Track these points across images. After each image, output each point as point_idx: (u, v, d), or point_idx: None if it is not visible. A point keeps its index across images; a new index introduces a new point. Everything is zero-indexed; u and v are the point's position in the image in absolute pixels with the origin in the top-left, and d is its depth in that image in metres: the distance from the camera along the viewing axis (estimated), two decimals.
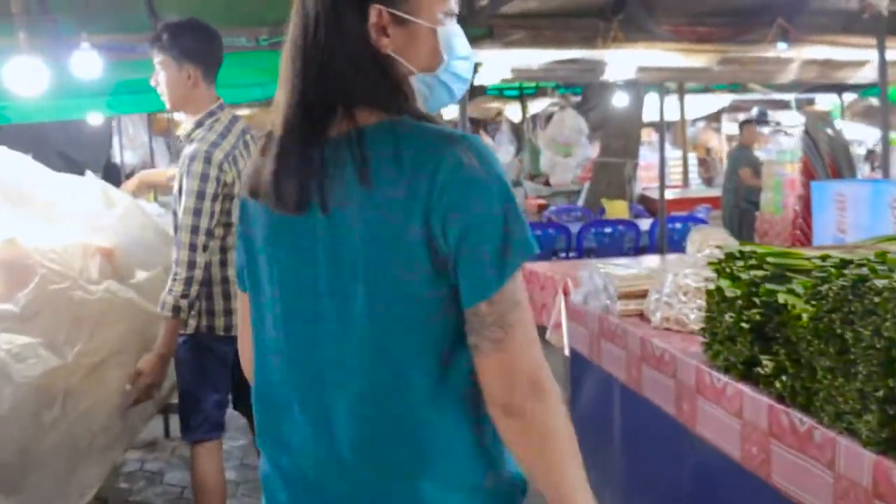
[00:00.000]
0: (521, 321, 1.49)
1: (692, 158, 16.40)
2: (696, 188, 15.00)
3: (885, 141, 5.56)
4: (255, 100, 10.32)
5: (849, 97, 14.89)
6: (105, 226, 3.83)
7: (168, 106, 3.65)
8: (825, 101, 16.18)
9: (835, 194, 4.05)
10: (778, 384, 2.31)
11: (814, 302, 2.15)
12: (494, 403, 1.50)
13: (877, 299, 1.90)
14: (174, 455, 5.44)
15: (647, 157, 14.53)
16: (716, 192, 13.27)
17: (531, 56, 7.37)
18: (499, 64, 7.86)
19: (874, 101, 14.79)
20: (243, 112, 15.58)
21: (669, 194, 10.79)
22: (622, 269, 3.81)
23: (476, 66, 7.40)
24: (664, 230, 7.81)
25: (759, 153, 11.27)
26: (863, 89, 14.03)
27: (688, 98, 14.28)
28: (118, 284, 3.57)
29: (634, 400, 3.29)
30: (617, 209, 10.27)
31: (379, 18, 1.58)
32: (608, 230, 8.18)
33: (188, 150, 3.50)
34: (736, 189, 10.03)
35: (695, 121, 18.18)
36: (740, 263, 2.59)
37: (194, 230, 3.42)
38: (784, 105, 17.64)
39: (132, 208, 4.04)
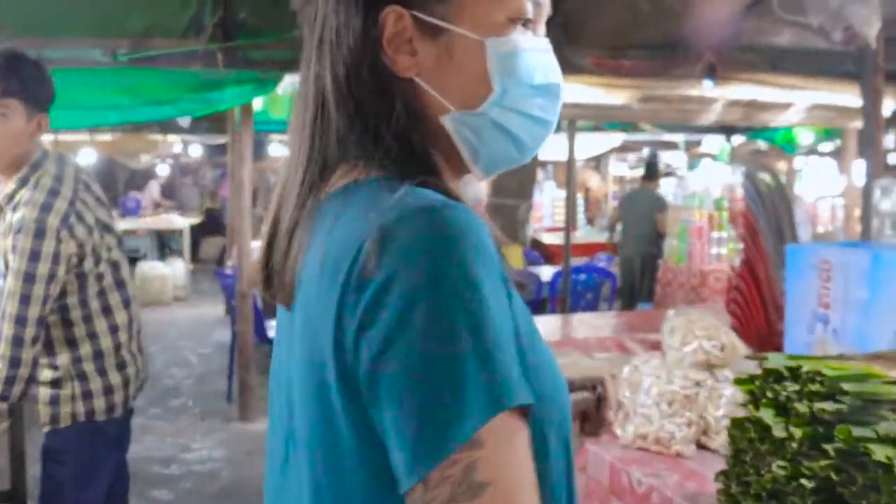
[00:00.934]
0: None
1: (578, 199, 15.95)
2: (584, 231, 14.52)
3: (868, 193, 4.88)
4: (110, 124, 9.33)
5: (737, 139, 14.66)
6: None
7: None
8: (712, 144, 15.97)
9: (817, 261, 3.35)
10: None
11: None
12: None
13: None
14: None
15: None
16: (601, 235, 12.78)
17: None
18: None
19: (762, 144, 14.65)
20: (104, 137, 14.42)
21: (559, 238, 10.21)
22: (568, 356, 3.01)
23: None
24: (569, 283, 7.11)
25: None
26: (752, 132, 13.83)
27: (577, 136, 13.80)
28: None
29: None
30: (511, 255, 9.55)
31: (398, 27, 1.10)
32: None
33: (15, 217, 2.80)
34: (644, 235, 9.42)
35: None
36: (793, 387, 1.78)
37: (20, 321, 2.77)
38: (673, 146, 17.42)
39: None
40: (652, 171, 10.07)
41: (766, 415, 1.80)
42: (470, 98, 1.12)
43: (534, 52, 1.14)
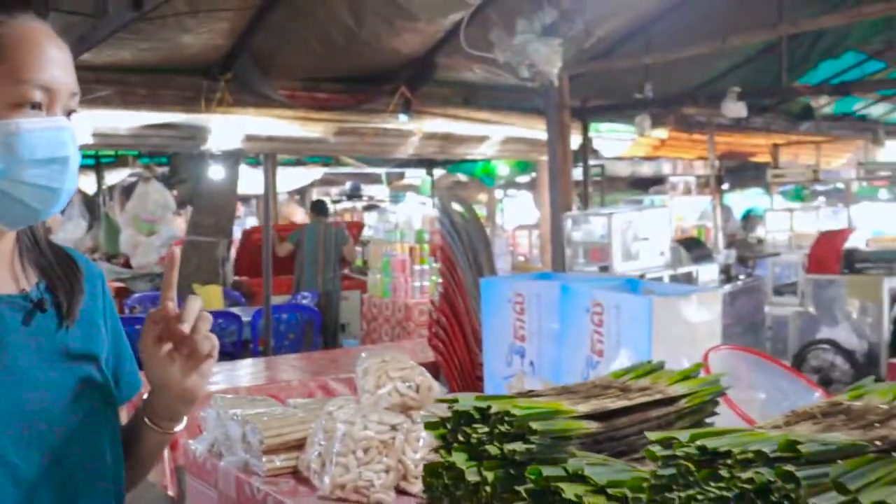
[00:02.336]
0: None
1: None
2: None
3: (556, 225, 5.01)
4: None
5: (438, 172, 15.10)
6: None
7: None
8: (414, 176, 16.39)
9: (512, 293, 3.41)
10: None
11: None
12: None
13: None
14: None
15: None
16: None
17: (119, 118, 6.33)
18: (77, 127, 6.77)
19: (462, 176, 15.19)
20: None
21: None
22: (260, 405, 2.85)
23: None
24: (270, 323, 6.94)
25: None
26: (451, 165, 14.29)
27: (279, 170, 13.70)
28: None
29: None
30: (211, 295, 9.25)
31: None
32: None
33: None
34: (332, 269, 9.42)
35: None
36: (483, 429, 1.73)
37: None
38: (376, 179, 17.69)
39: None
40: (320, 208, 10.14)
41: (459, 459, 1.74)
42: None
43: (38, 131, 1.40)
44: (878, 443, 1.33)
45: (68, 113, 1.47)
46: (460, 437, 1.77)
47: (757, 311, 8.21)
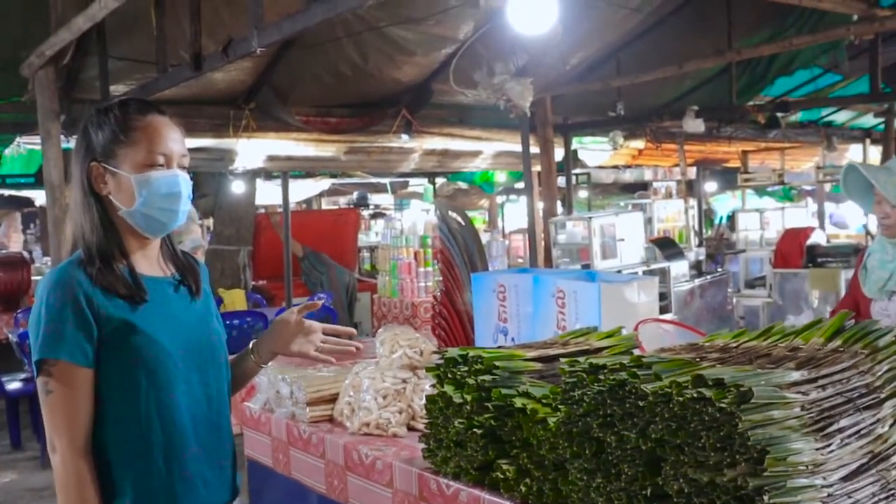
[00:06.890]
0: (43, 403, 2.20)
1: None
2: None
3: (532, 230, 5.83)
4: None
5: (440, 180, 15.71)
6: None
7: None
8: (417, 184, 16.96)
9: (496, 284, 4.10)
10: (523, 487, 2.29)
11: (563, 407, 2.16)
12: None
13: (641, 403, 1.94)
14: None
15: None
16: None
17: None
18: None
19: (462, 184, 15.85)
20: None
21: (277, 279, 10.76)
22: (301, 370, 3.66)
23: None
24: None
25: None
26: (451, 174, 14.91)
27: (290, 182, 14.36)
28: None
29: None
30: (235, 298, 10.05)
31: (97, 172, 2.30)
32: (236, 322, 7.95)
33: None
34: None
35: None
36: (464, 368, 2.55)
37: None
38: (381, 188, 18.30)
39: None
40: None
41: (449, 389, 2.56)
42: (131, 203, 2.28)
43: (157, 179, 2.28)
44: (697, 359, 2.17)
45: (181, 167, 2.34)
46: (449, 375, 2.60)
47: (725, 302, 8.86)
